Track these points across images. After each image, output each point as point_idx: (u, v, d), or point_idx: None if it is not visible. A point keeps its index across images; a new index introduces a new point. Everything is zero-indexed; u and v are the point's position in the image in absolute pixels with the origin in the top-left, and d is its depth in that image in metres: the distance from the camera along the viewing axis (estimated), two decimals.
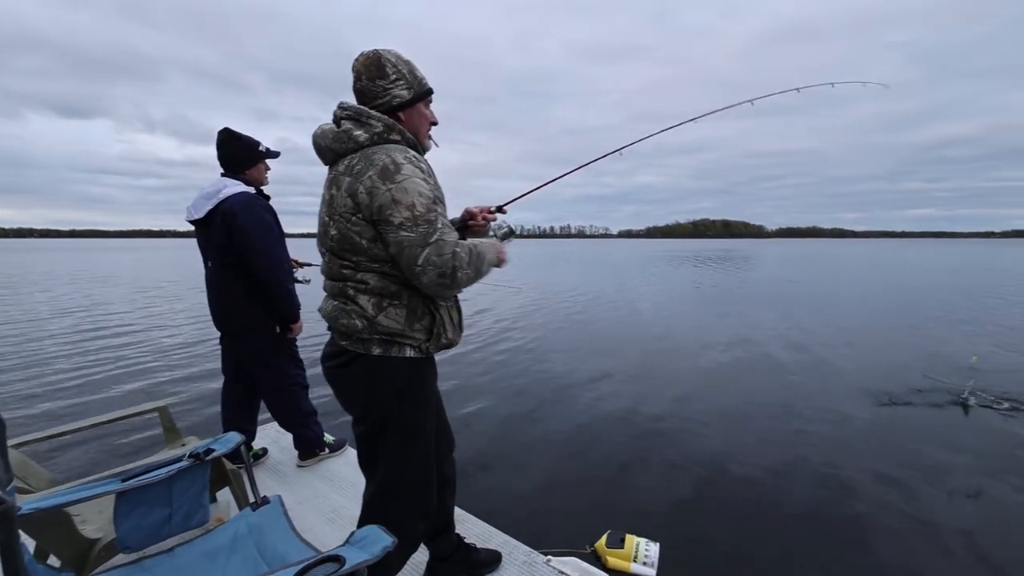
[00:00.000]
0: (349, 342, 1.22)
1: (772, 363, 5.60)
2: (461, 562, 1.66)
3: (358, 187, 1.10)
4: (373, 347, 1.21)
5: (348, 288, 1.20)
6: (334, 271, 1.23)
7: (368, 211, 1.11)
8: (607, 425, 3.79)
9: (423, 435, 1.32)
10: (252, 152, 2.24)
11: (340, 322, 1.21)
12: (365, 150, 1.15)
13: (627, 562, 2.07)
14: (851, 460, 3.12)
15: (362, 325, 1.19)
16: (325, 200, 1.22)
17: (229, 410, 2.44)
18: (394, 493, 1.31)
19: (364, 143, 1.16)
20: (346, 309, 1.20)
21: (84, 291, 14.21)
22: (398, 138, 1.20)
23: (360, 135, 1.15)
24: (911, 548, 2.26)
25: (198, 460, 1.37)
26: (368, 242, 1.15)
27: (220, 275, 2.22)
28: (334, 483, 2.37)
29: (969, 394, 4.14)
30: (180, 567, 1.27)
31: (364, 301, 1.18)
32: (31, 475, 1.53)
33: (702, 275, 18.55)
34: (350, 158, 1.16)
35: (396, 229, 1.08)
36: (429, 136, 1.32)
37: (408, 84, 1.21)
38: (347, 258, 1.19)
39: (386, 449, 1.29)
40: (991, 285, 14.53)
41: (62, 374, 5.37)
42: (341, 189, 1.15)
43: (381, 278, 1.18)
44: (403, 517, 1.30)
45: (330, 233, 1.19)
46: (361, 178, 1.10)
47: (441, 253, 1.09)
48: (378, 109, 1.20)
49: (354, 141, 1.15)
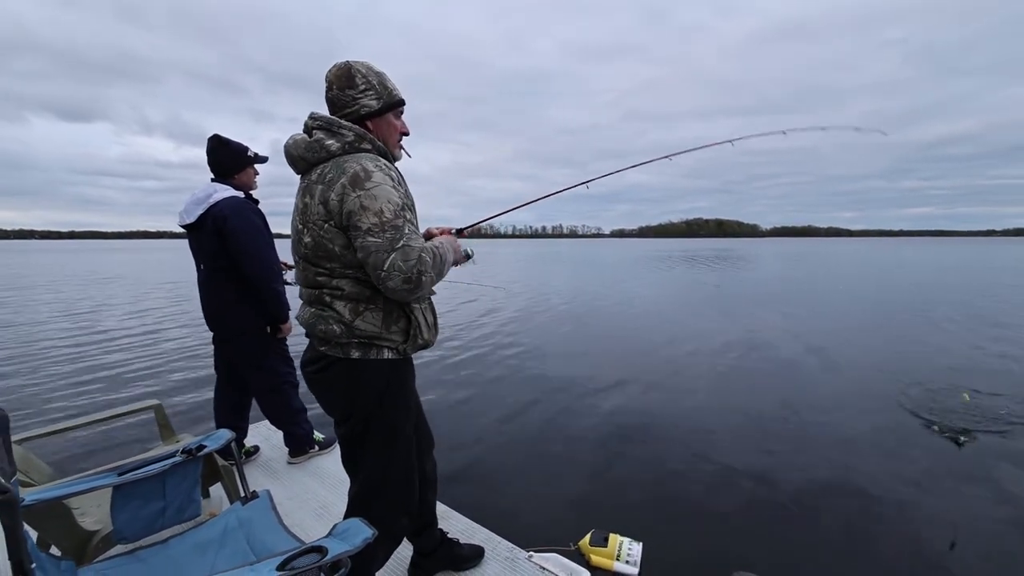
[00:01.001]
0: (328, 347, 1.26)
1: (765, 364, 5.65)
2: (444, 557, 1.71)
3: (330, 195, 1.13)
4: (352, 351, 1.24)
5: (324, 295, 1.23)
6: (309, 278, 1.25)
7: (339, 217, 1.13)
8: (594, 424, 3.85)
9: (403, 435, 1.36)
10: (240, 157, 2.30)
11: (318, 328, 1.24)
12: (337, 159, 1.18)
13: (610, 560, 2.10)
14: (842, 463, 3.17)
15: (340, 330, 1.22)
16: (298, 208, 1.24)
17: (221, 409, 2.50)
18: (376, 492, 1.35)
19: (336, 152, 1.18)
20: (323, 315, 1.23)
21: (98, 292, 14.25)
22: (369, 147, 1.23)
23: (332, 144, 1.18)
24: (906, 552, 2.29)
25: (190, 456, 1.43)
26: (341, 248, 1.17)
27: (211, 278, 2.28)
28: (323, 479, 2.43)
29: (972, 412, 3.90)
30: (173, 558, 1.34)
31: (341, 307, 1.21)
32: (33, 469, 1.60)
33: (694, 273, 18.58)
34: (322, 167, 1.18)
35: (364, 235, 1.11)
36: (400, 146, 1.35)
37: (378, 94, 1.24)
38: (321, 265, 1.21)
39: (367, 450, 1.33)
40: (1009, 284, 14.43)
41: (64, 374, 5.44)
42: (314, 198, 1.17)
43: (355, 283, 1.21)
44: (385, 515, 1.34)
45: (304, 241, 1.21)
46: (333, 186, 1.13)
47: (407, 259, 1.10)
48: (347, 118, 1.23)
49: (326, 150, 1.18)
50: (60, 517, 1.44)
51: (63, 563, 1.13)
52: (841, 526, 2.48)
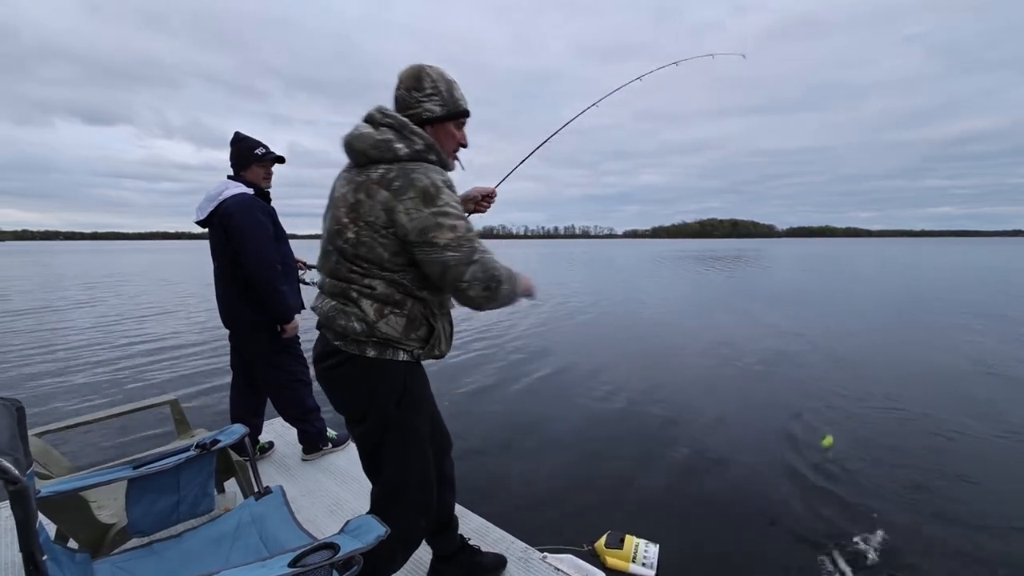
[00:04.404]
0: (343, 343, 1.23)
1: (788, 367, 5.53)
2: (464, 563, 1.68)
3: (397, 206, 1.12)
4: (368, 349, 1.22)
5: (352, 290, 1.21)
6: (340, 272, 1.23)
7: (404, 231, 1.14)
8: (612, 426, 3.81)
9: (421, 436, 1.35)
10: (248, 154, 2.31)
11: (337, 323, 1.22)
12: (404, 164, 1.16)
13: (626, 562, 2.07)
14: (858, 469, 3.08)
15: (360, 328, 1.20)
16: (347, 201, 1.19)
17: (237, 405, 2.51)
18: (397, 493, 1.34)
19: (403, 157, 1.17)
20: (346, 311, 1.21)
21: (120, 290, 14.61)
22: (434, 158, 1.22)
23: (401, 148, 1.17)
24: (918, 558, 2.23)
25: (204, 450, 1.43)
26: (391, 255, 1.18)
27: (223, 275, 2.29)
28: (336, 476, 2.43)
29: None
30: (187, 551, 1.33)
31: (366, 305, 1.20)
32: (52, 462, 1.61)
33: (709, 274, 18.40)
34: (386, 168, 1.16)
35: (441, 250, 1.12)
36: (455, 156, 1.34)
37: (442, 101, 1.25)
38: (358, 263, 1.20)
39: (387, 451, 1.31)
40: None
41: (84, 368, 5.56)
42: (374, 199, 1.15)
43: (388, 285, 1.20)
44: (405, 516, 1.33)
45: (347, 236, 1.19)
46: (401, 197, 1.12)
47: (485, 269, 1.15)
48: (409, 119, 1.23)
49: (393, 152, 1.17)
50: (78, 510, 1.45)
51: (78, 555, 1.13)
52: (878, 535, 2.39)
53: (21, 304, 11.28)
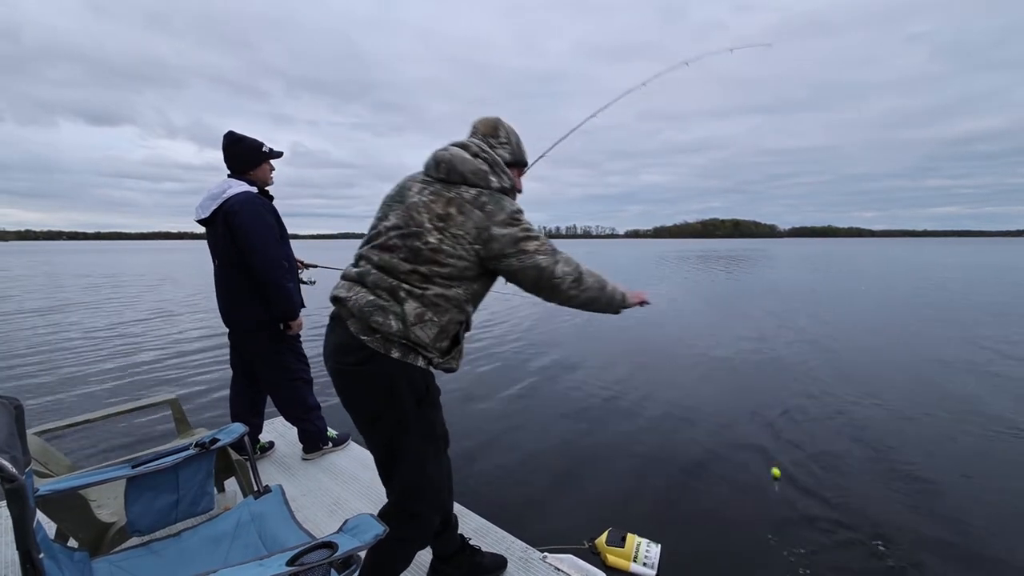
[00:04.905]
0: (371, 338, 1.24)
1: (795, 367, 5.50)
2: (464, 563, 1.68)
3: (491, 226, 1.27)
4: (393, 349, 1.24)
5: (402, 289, 1.24)
6: (398, 269, 1.26)
7: (499, 244, 1.28)
8: (613, 422, 3.80)
9: (436, 436, 1.39)
10: (256, 153, 2.31)
11: (374, 318, 1.23)
12: (494, 194, 1.33)
13: (627, 561, 2.05)
14: (864, 471, 3.07)
15: (396, 328, 1.23)
16: (434, 211, 1.28)
17: (237, 404, 2.51)
18: (416, 493, 1.35)
19: (495, 188, 1.35)
20: (385, 307, 1.24)
21: (123, 290, 14.66)
22: (512, 193, 1.42)
23: (493, 181, 1.35)
24: (929, 564, 2.21)
25: (204, 449, 1.43)
26: (462, 267, 1.28)
27: (225, 273, 2.29)
28: (336, 476, 2.43)
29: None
30: (186, 550, 1.33)
31: (409, 307, 1.23)
32: (51, 461, 1.61)
33: (714, 273, 18.36)
34: (478, 192, 1.31)
35: (533, 254, 1.29)
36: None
37: (512, 151, 1.45)
38: (427, 266, 1.25)
39: (405, 451, 1.33)
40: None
41: (84, 367, 5.58)
42: (467, 216, 1.27)
43: (441, 293, 1.26)
44: (424, 515, 1.37)
45: (426, 239, 1.25)
46: (494, 219, 1.28)
47: (570, 264, 1.33)
48: None
49: (487, 182, 1.33)
50: (77, 509, 1.45)
51: (76, 554, 1.12)
52: (889, 540, 2.38)
53: (24, 303, 11.32)
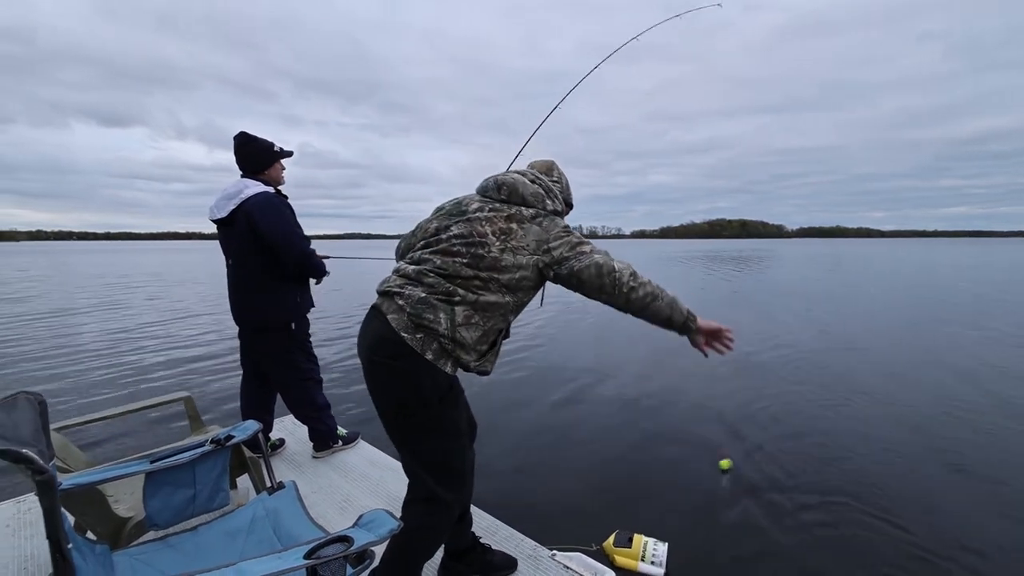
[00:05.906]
0: (411, 336, 1.28)
1: (803, 367, 5.47)
2: (475, 562, 1.70)
3: (549, 238, 1.38)
4: (428, 351, 1.28)
5: (459, 292, 1.30)
6: (459, 274, 1.32)
7: (558, 252, 1.37)
8: (620, 423, 3.80)
9: (460, 430, 1.43)
10: (268, 153, 2.34)
11: (425, 315, 1.28)
12: (549, 214, 1.45)
13: (635, 561, 2.06)
14: (868, 471, 3.05)
15: (443, 328, 1.28)
16: (496, 225, 1.39)
17: (247, 402, 2.54)
18: (438, 481, 1.39)
19: (550, 211, 1.46)
20: (436, 306, 1.29)
21: (137, 290, 14.85)
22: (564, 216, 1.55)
23: (548, 204, 1.47)
24: (932, 558, 2.20)
25: (219, 445, 1.46)
26: (520, 273, 1.36)
27: (239, 273, 2.32)
28: (346, 474, 2.46)
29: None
30: (203, 544, 1.36)
31: (460, 311, 1.30)
32: (70, 456, 1.65)
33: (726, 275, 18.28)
34: (536, 211, 1.43)
35: (590, 255, 1.37)
36: None
37: (562, 189, 1.58)
38: (487, 271, 1.33)
39: (430, 443, 1.38)
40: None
41: (101, 365, 5.66)
42: (527, 231, 1.39)
43: (493, 300, 1.33)
44: (446, 507, 1.40)
45: (489, 248, 1.34)
46: (551, 233, 1.39)
47: (623, 262, 1.40)
48: None
49: (543, 205, 1.46)
50: (96, 503, 1.48)
51: (98, 547, 1.15)
52: (890, 542, 2.37)
53: (41, 304, 11.50)
